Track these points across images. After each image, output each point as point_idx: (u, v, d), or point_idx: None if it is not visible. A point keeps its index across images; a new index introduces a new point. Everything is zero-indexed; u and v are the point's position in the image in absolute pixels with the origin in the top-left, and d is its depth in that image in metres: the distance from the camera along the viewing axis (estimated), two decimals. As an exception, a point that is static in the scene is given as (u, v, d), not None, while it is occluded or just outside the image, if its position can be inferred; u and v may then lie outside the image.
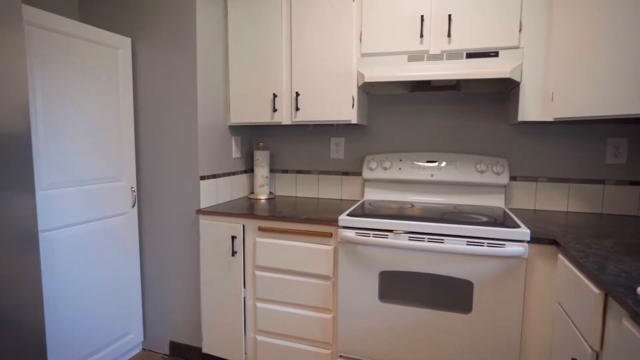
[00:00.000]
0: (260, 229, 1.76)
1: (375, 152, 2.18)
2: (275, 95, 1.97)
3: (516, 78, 1.60)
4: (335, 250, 1.66)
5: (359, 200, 2.16)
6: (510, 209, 1.93)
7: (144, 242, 2.07)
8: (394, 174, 2.03)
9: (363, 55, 1.84)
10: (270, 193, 2.33)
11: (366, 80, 1.74)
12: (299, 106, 1.94)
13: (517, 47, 1.64)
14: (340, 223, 1.61)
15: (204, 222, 1.87)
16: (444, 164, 1.98)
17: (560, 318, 1.28)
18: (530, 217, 1.73)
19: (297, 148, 2.33)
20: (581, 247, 1.24)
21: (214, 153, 2.02)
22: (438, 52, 1.74)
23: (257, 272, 1.80)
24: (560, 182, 1.92)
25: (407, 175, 2.01)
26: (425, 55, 1.71)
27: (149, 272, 2.08)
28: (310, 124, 2.08)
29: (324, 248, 1.66)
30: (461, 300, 1.48)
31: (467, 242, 1.44)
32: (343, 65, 1.86)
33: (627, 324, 0.86)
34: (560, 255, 1.30)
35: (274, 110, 1.97)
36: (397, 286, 1.55)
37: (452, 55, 1.68)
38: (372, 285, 1.58)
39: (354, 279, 1.60)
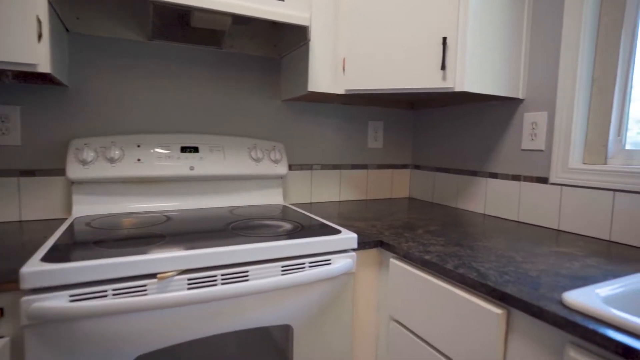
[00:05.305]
0: None
1: (91, 134, 1.29)
2: None
3: (309, 32, 1.21)
4: (15, 346, 0.74)
5: (64, 221, 1.22)
6: (292, 205, 1.56)
7: None
8: (129, 168, 1.24)
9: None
10: None
11: (68, -18, 0.88)
12: None
13: (303, -7, 1.24)
14: (26, 282, 0.71)
15: None
16: (207, 151, 1.37)
17: (400, 339, 0.98)
18: (317, 213, 1.41)
19: None
20: (416, 246, 0.98)
21: None
22: (200, -29, 1.10)
23: None
24: (332, 169, 1.72)
25: (152, 170, 1.27)
26: (180, -28, 1.04)
27: None
28: None
29: (-17, 347, 0.71)
30: (277, 355, 0.96)
31: (283, 267, 0.92)
32: (5, -52, 0.89)
33: (576, 355, 0.60)
34: (394, 261, 1.00)
35: None
36: (170, 372, 0.84)
37: (222, -18, 1.08)
38: (118, 388, 0.79)
39: (73, 391, 0.75)
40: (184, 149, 1.33)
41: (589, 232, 1.14)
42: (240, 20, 1.39)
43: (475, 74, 1.18)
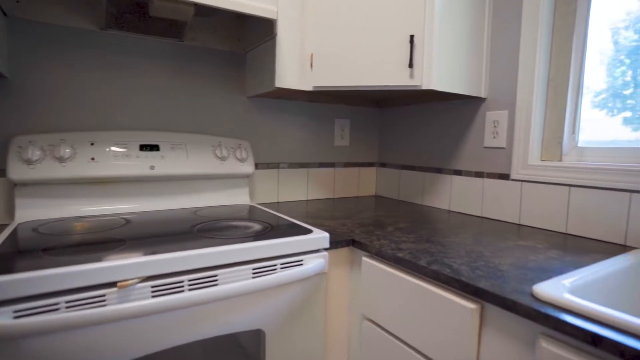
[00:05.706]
0: None
1: (37, 131, 1.18)
2: None
3: (276, 26, 1.17)
4: (-47, 367, 0.66)
5: (6, 227, 1.11)
6: (259, 204, 1.52)
7: None
8: (81, 168, 1.14)
9: None
10: None
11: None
12: None
13: (270, -14, 1.20)
14: (-36, 297, 0.63)
15: None
16: (169, 149, 1.29)
17: (373, 337, 0.98)
18: (286, 213, 1.38)
19: None
20: (388, 244, 0.97)
21: None
22: (160, -43, 1.04)
23: None
24: (299, 167, 1.69)
25: (107, 169, 1.18)
26: (137, -43, 0.97)
27: None
28: None
29: None
30: (247, 363, 0.92)
31: (254, 270, 0.88)
32: None
33: (547, 345, 0.61)
34: (367, 259, 0.99)
35: None
36: (133, 387, 0.78)
37: (184, -30, 1.02)
38: (74, 409, 0.72)
39: (20, 417, 0.68)
40: (143, 147, 1.25)
41: (547, 226, 1.19)
42: (203, 11, 1.33)
43: (442, 72, 1.20)
